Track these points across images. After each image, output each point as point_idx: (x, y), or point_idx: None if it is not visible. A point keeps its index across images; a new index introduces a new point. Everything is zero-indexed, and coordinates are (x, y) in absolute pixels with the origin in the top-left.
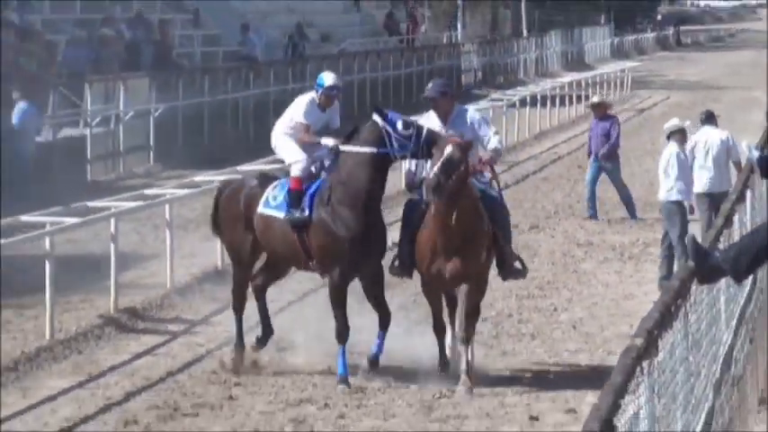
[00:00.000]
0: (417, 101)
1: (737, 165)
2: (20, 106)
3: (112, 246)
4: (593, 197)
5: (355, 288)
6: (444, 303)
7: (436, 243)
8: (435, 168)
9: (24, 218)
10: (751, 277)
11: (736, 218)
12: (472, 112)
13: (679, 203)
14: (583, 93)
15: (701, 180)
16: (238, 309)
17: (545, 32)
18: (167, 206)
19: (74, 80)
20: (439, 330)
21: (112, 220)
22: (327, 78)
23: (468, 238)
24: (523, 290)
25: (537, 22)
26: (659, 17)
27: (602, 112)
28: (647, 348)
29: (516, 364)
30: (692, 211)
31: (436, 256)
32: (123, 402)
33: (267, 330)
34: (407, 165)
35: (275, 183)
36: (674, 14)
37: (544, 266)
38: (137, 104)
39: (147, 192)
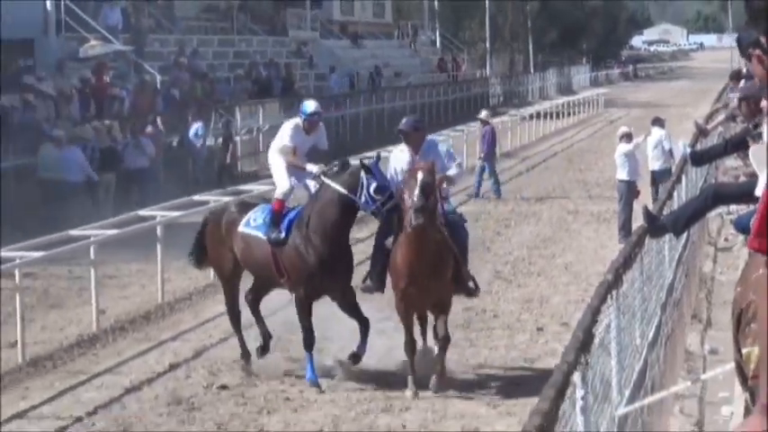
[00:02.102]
0: (457, 118)
1: (669, 152)
2: (195, 124)
3: None
4: (479, 181)
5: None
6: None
7: (410, 266)
8: (416, 193)
9: (196, 197)
10: (686, 234)
11: (675, 193)
12: (441, 145)
13: (625, 182)
14: (571, 110)
15: (653, 162)
16: (236, 323)
17: (545, 70)
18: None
19: (228, 105)
20: (410, 349)
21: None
22: (309, 106)
23: (439, 260)
24: (532, 243)
25: (540, 63)
26: (623, 58)
27: (484, 123)
28: (615, 281)
29: (527, 293)
30: (636, 194)
31: (411, 277)
32: (225, 341)
33: (266, 337)
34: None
35: (256, 208)
36: (632, 56)
37: (546, 227)
38: (271, 120)
39: None
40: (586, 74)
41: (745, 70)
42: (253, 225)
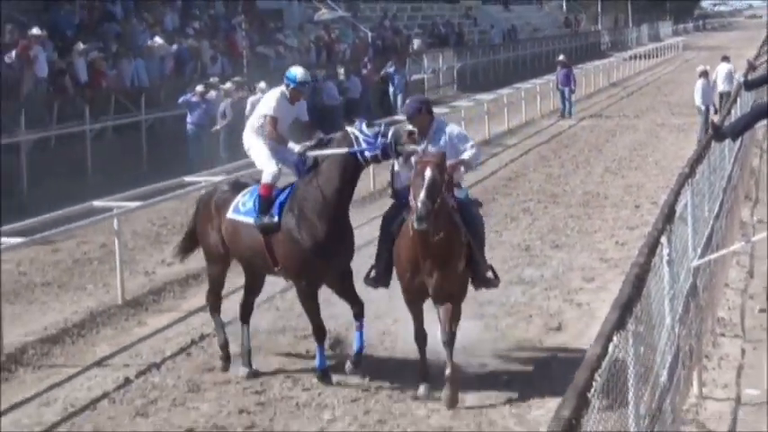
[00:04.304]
0: (577, 59)
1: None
2: (390, 68)
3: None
4: (563, 105)
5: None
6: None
7: (416, 258)
8: (421, 195)
9: (398, 117)
10: (740, 139)
11: (732, 111)
12: (450, 127)
13: (703, 107)
14: (658, 53)
15: (722, 86)
16: (214, 309)
17: (640, 24)
18: (463, 111)
19: (417, 52)
20: (421, 340)
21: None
22: (298, 74)
23: (447, 252)
24: (632, 146)
25: (636, 19)
26: (695, 15)
27: (563, 64)
28: (691, 172)
29: (628, 182)
30: (715, 110)
31: (417, 270)
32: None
33: (247, 355)
34: (395, 167)
35: (246, 190)
36: (701, 14)
37: (642, 135)
38: (447, 63)
39: (453, 103)
40: (669, 27)
41: None
42: (242, 210)
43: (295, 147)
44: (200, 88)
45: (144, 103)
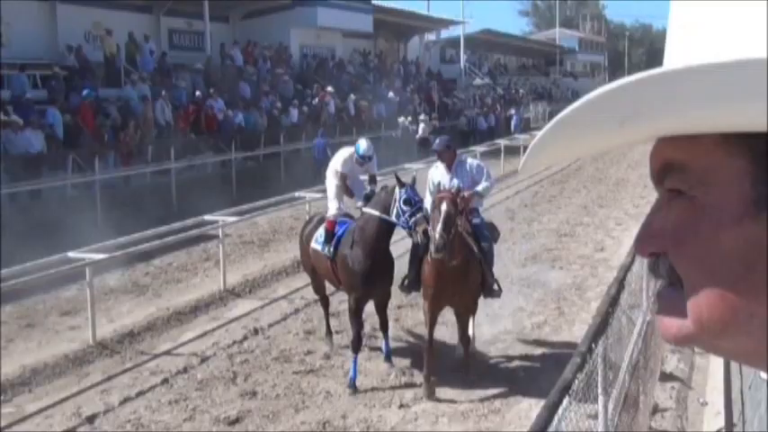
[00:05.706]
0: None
1: None
2: (511, 110)
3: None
4: None
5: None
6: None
7: (435, 283)
8: (438, 228)
9: (516, 136)
10: None
11: None
12: (470, 160)
13: None
14: None
15: None
16: (324, 308)
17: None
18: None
19: (525, 102)
20: (429, 344)
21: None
22: (361, 148)
23: (464, 270)
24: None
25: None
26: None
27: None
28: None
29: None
30: None
31: (437, 291)
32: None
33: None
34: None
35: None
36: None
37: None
38: (543, 108)
39: None
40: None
41: None
42: (320, 241)
43: (358, 202)
44: (401, 119)
45: (383, 127)
